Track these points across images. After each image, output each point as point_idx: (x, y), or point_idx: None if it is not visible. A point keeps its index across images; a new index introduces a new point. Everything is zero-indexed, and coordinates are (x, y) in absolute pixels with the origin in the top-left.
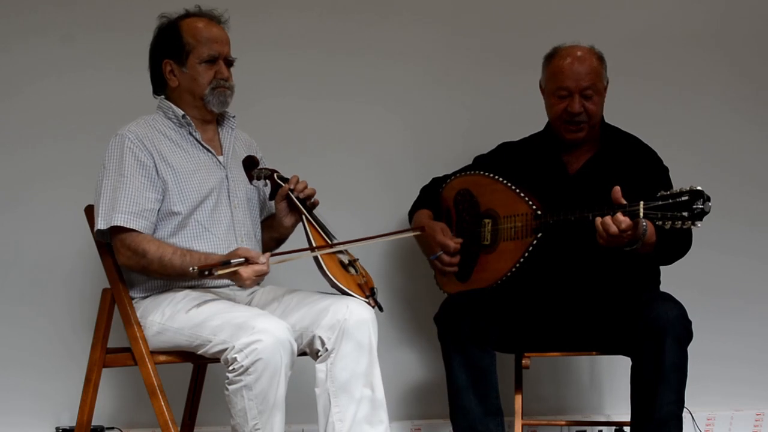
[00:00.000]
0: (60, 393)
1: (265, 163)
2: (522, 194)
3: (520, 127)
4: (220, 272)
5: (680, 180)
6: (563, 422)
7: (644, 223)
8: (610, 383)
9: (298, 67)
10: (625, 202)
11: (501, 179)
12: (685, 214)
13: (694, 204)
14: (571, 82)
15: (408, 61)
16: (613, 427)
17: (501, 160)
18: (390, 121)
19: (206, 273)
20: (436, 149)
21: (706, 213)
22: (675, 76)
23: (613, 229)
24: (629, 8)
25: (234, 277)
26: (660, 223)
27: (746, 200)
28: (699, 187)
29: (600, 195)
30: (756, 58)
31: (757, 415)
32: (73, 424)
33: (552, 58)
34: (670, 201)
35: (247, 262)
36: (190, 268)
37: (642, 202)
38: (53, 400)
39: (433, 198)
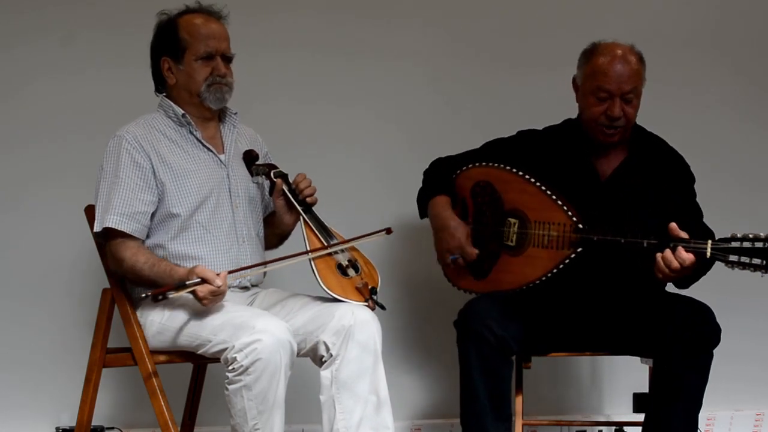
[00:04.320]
0: (60, 393)
1: (270, 158)
2: (560, 202)
3: (518, 128)
4: (174, 295)
5: None
6: (563, 422)
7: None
8: (610, 383)
9: (298, 68)
10: (685, 235)
11: (533, 180)
12: (761, 261)
13: None
14: (614, 85)
15: (408, 63)
16: (613, 427)
17: (522, 150)
18: (389, 122)
19: (159, 298)
20: (434, 150)
21: None
22: (674, 76)
23: (675, 264)
24: (629, 8)
25: (192, 295)
26: (728, 266)
27: (745, 199)
28: None
29: (632, 203)
30: (755, 58)
31: (757, 415)
32: (73, 424)
33: (591, 55)
34: (743, 245)
35: (204, 281)
36: (142, 294)
37: (710, 242)
38: (53, 399)
39: (446, 183)
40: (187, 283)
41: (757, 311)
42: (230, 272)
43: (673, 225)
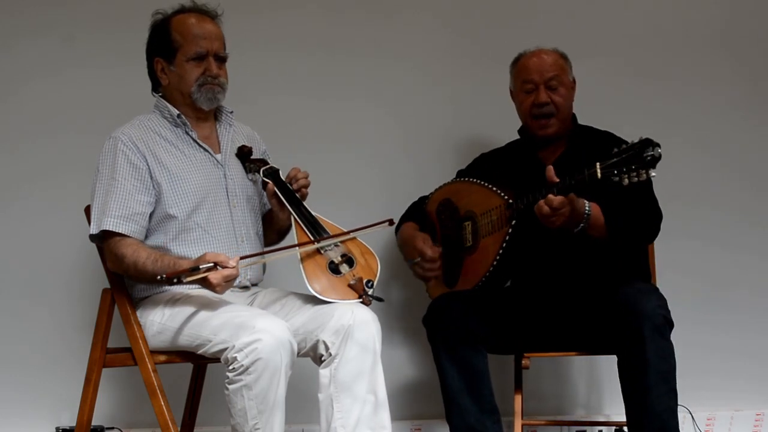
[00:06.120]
0: (60, 393)
1: (268, 155)
2: (494, 188)
3: (514, 127)
4: (189, 279)
5: (678, 176)
6: (563, 422)
7: (587, 206)
8: (609, 383)
9: (297, 67)
10: (557, 179)
11: (475, 180)
12: (638, 165)
13: (645, 153)
14: (536, 75)
15: (405, 61)
16: (613, 427)
17: (481, 168)
18: (386, 119)
19: (174, 281)
20: (432, 148)
21: (657, 159)
22: (677, 75)
23: (546, 209)
24: (629, 8)
25: (204, 283)
26: (617, 179)
27: (748, 197)
28: (646, 136)
29: None
30: (759, 57)
31: (757, 415)
32: (73, 424)
33: (517, 61)
34: (624, 155)
35: (216, 266)
36: (158, 276)
37: (598, 164)
38: (53, 399)
39: (418, 213)
40: (201, 267)
41: (758, 310)
42: (242, 258)
43: (549, 167)
